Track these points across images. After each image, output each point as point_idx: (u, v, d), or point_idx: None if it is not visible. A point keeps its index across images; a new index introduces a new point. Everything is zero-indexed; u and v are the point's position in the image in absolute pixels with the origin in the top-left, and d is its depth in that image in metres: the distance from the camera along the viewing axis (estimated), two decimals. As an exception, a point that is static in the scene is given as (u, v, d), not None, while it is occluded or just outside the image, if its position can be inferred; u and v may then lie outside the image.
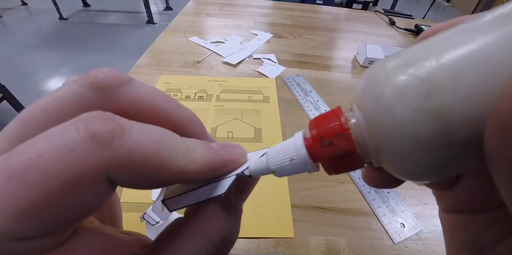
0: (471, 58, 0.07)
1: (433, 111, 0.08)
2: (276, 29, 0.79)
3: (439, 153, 0.08)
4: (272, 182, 0.37)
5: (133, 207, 0.33)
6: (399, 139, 0.09)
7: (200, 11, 0.88)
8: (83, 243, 0.10)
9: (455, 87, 0.07)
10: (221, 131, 0.44)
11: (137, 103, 0.11)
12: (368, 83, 0.10)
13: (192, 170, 0.10)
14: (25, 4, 2.94)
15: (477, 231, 0.11)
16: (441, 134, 0.08)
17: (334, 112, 0.11)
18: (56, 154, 0.08)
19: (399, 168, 0.10)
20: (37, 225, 0.08)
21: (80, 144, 0.08)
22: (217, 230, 0.11)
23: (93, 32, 2.45)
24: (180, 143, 0.10)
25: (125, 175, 0.09)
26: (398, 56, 0.09)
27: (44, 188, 0.08)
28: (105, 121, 0.09)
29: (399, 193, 0.36)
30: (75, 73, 1.88)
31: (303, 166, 0.11)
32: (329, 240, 0.31)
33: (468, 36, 0.08)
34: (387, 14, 0.95)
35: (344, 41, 0.77)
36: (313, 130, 0.11)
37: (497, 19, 0.08)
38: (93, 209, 0.09)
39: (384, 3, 2.59)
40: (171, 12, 2.97)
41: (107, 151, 0.08)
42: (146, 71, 0.56)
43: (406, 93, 0.08)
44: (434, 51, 0.08)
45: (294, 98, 0.52)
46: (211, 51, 0.65)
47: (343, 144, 0.10)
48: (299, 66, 0.63)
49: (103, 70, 0.11)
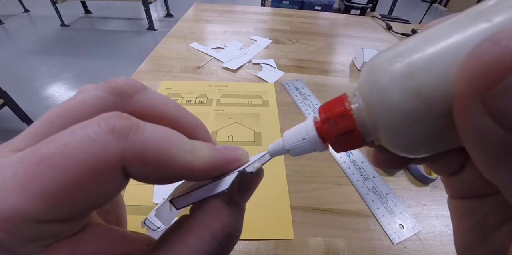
0: (443, 48, 0.09)
1: (415, 89, 0.09)
2: (275, 35, 0.80)
3: (423, 124, 0.10)
4: (272, 184, 0.37)
5: (135, 210, 0.33)
6: (390, 115, 0.10)
7: (200, 17, 0.89)
8: (94, 235, 0.11)
9: (432, 69, 0.09)
10: (221, 135, 0.45)
11: (151, 108, 0.13)
12: (367, 71, 0.11)
13: (198, 165, 0.11)
14: (27, 11, 2.98)
15: (483, 215, 0.12)
16: (423, 107, 0.09)
17: (340, 98, 0.13)
18: (80, 143, 0.09)
19: (392, 141, 0.11)
20: (59, 209, 0.09)
21: (102, 135, 0.09)
22: (221, 225, 0.12)
23: (94, 38, 2.48)
24: (187, 142, 0.11)
25: (138, 166, 0.10)
26: (392, 48, 0.11)
27: (68, 172, 0.08)
28: (123, 119, 0.10)
29: (398, 194, 0.37)
30: (76, 79, 1.90)
31: (313, 145, 0.13)
32: (329, 241, 0.31)
33: (443, 30, 0.10)
34: (384, 19, 0.96)
35: (341, 46, 0.78)
36: (321, 113, 0.13)
37: (468, 15, 0.09)
38: (108, 198, 0.10)
39: (382, 9, 2.62)
40: (172, 19, 3.00)
41: (124, 142, 0.09)
42: (147, 77, 0.57)
43: (394, 76, 0.10)
44: (419, 42, 0.10)
45: (293, 102, 0.53)
46: (211, 57, 0.66)
47: (346, 123, 0.12)
48: (297, 71, 0.64)
49: (121, 78, 0.12)
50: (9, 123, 1.44)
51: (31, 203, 0.08)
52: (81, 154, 0.09)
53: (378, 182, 0.38)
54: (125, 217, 0.17)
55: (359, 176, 0.39)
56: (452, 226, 0.14)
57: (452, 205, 0.14)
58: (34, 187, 0.08)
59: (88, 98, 0.11)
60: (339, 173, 0.40)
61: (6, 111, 1.33)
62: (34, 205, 0.08)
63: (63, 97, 1.72)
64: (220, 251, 0.12)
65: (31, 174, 0.08)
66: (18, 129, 1.41)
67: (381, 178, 0.39)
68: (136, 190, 0.35)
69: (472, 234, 0.12)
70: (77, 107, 0.11)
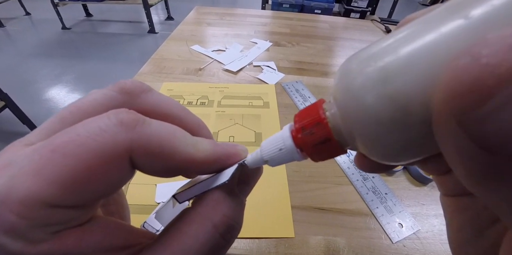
0: (418, 50, 0.08)
1: (389, 95, 0.09)
2: (275, 38, 0.81)
3: (400, 133, 0.09)
4: (273, 184, 0.38)
5: (137, 209, 0.34)
6: (365, 123, 0.09)
7: (201, 20, 0.90)
8: (100, 227, 0.11)
9: (408, 74, 0.08)
10: (222, 136, 0.45)
11: (156, 107, 0.13)
12: (340, 75, 0.11)
13: (200, 157, 0.12)
14: (28, 13, 2.99)
15: (475, 212, 0.12)
16: (399, 115, 0.09)
17: (315, 105, 0.12)
18: (91, 133, 0.10)
19: (370, 150, 0.11)
20: (70, 194, 0.09)
21: (111, 126, 0.10)
22: (221, 215, 0.12)
23: (95, 41, 2.49)
24: (189, 136, 0.12)
25: (144, 156, 0.10)
26: (365, 50, 0.10)
27: (80, 159, 0.09)
28: (131, 114, 0.10)
29: (397, 194, 0.37)
30: (77, 82, 1.90)
31: (291, 155, 0.13)
32: (329, 240, 0.32)
33: (419, 28, 0.09)
34: (384, 23, 0.97)
35: (341, 49, 0.79)
36: (296, 122, 0.12)
37: (446, 9, 0.08)
38: (115, 187, 0.11)
39: (382, 12, 2.65)
40: (172, 21, 3.02)
41: (131, 133, 0.10)
42: (149, 79, 0.58)
43: (368, 81, 0.09)
44: (393, 43, 0.09)
45: (293, 104, 0.54)
46: (212, 59, 0.67)
47: (321, 132, 0.11)
48: (297, 73, 0.65)
49: (129, 80, 0.13)
50: (10, 125, 1.45)
51: (45, 187, 0.09)
52: (92, 143, 0.09)
53: (377, 181, 0.38)
54: (128, 218, 0.17)
55: (358, 176, 0.39)
56: (445, 222, 0.14)
57: (444, 202, 0.14)
58: (48, 172, 0.09)
59: (99, 97, 0.12)
60: (339, 173, 0.40)
61: (7, 114, 1.33)
62: (47, 189, 0.09)
63: (64, 99, 1.73)
64: (221, 242, 0.12)
65: (46, 160, 0.09)
66: (19, 131, 1.41)
67: (380, 178, 0.39)
68: (138, 190, 0.36)
69: (465, 231, 0.12)
70: (88, 105, 0.12)
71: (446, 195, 0.14)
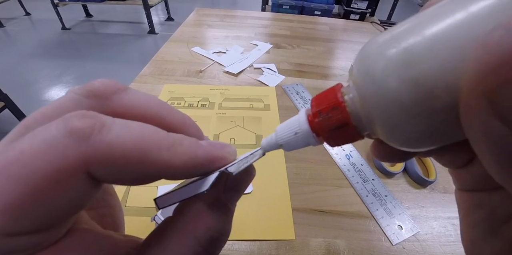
0: (445, 30, 0.08)
1: (414, 79, 0.08)
2: (276, 40, 0.82)
3: (422, 118, 0.09)
4: (274, 186, 0.38)
5: (139, 211, 0.34)
6: (386, 108, 0.09)
7: (201, 22, 0.91)
8: (77, 242, 0.10)
9: (433, 57, 0.08)
10: (223, 138, 0.45)
11: (132, 109, 0.12)
12: (360, 58, 0.10)
13: (176, 164, 0.10)
14: (28, 14, 3.00)
15: (491, 209, 0.11)
16: (422, 100, 0.08)
17: (332, 89, 0.12)
18: (36, 150, 0.08)
19: (390, 136, 0.10)
20: (25, 220, 0.08)
21: (59, 139, 0.08)
22: (204, 228, 0.11)
23: (95, 42, 2.49)
24: (164, 137, 0.10)
25: (105, 169, 0.09)
26: (387, 32, 0.10)
27: (26, 182, 0.08)
28: (85, 118, 0.09)
29: (396, 196, 0.37)
30: (76, 82, 1.90)
31: (306, 139, 0.12)
32: (329, 242, 0.32)
33: (445, 8, 0.08)
34: (383, 25, 0.98)
35: (341, 51, 0.79)
36: (313, 106, 0.12)
37: None
38: (79, 205, 0.10)
39: (381, 14, 2.65)
40: (172, 22, 3.03)
41: (85, 146, 0.08)
42: (150, 80, 0.58)
43: (390, 64, 0.09)
44: (417, 24, 0.09)
45: (294, 106, 0.54)
46: (213, 61, 0.67)
47: (338, 116, 0.11)
48: (298, 75, 0.65)
49: (99, 80, 0.12)
50: (9, 126, 1.45)
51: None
52: (37, 162, 0.08)
53: (377, 184, 0.39)
54: (122, 220, 0.16)
55: (358, 178, 0.40)
56: (459, 219, 0.13)
57: (459, 198, 0.13)
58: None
59: (64, 102, 0.11)
60: (339, 175, 0.40)
61: (6, 114, 1.34)
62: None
63: (63, 100, 1.73)
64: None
65: None
66: (19, 131, 1.41)
67: (380, 180, 0.39)
68: (140, 192, 0.36)
69: (480, 227, 0.12)
70: (53, 110, 0.11)
71: (461, 190, 0.13)
